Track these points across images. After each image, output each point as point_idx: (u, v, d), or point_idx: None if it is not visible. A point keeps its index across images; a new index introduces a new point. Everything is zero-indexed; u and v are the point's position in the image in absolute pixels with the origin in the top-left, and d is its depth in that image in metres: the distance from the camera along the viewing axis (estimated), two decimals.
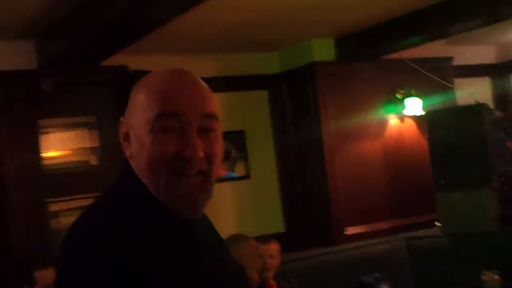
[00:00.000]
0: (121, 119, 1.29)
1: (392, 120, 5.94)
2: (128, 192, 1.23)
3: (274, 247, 3.92)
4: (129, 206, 1.20)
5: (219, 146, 1.25)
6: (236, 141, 5.77)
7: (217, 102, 1.29)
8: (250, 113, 5.91)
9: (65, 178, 4.76)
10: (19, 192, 4.53)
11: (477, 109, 5.31)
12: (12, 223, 4.50)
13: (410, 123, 6.01)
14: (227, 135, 5.72)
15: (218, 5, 4.08)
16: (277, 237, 4.18)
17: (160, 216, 1.20)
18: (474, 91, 5.95)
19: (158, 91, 1.22)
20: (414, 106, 5.81)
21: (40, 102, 4.62)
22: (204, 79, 5.08)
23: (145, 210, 1.19)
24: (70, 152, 5.08)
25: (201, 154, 1.20)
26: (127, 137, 1.27)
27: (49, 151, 4.91)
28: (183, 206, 1.21)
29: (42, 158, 4.67)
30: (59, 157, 5.12)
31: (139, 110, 1.23)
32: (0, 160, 4.55)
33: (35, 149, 4.62)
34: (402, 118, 5.96)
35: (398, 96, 5.86)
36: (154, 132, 1.19)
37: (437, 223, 5.44)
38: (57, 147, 4.94)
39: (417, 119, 5.93)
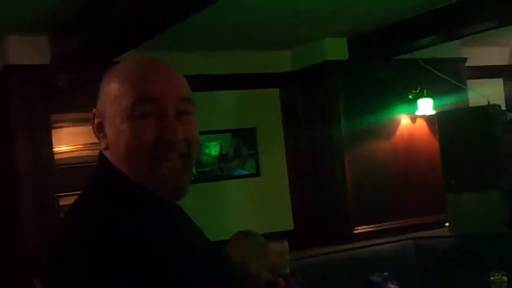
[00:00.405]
0: (94, 110, 1.27)
1: (404, 120, 5.93)
2: (109, 184, 1.22)
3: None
4: (113, 199, 1.19)
5: (196, 129, 1.25)
6: (247, 138, 5.79)
7: (189, 86, 1.28)
8: (262, 111, 5.92)
9: (77, 173, 4.79)
10: (31, 185, 4.56)
11: (488, 110, 5.29)
12: (24, 217, 4.54)
13: (421, 123, 5.99)
14: (239, 132, 5.74)
15: (232, 3, 4.09)
16: (286, 234, 4.19)
17: (146, 203, 1.19)
18: (487, 92, 5.93)
19: (132, 78, 1.22)
20: (426, 106, 5.80)
21: (53, 97, 4.65)
22: (217, 76, 5.09)
23: (130, 200, 1.19)
24: (81, 147, 5.11)
25: (181, 137, 1.20)
26: (101, 128, 1.25)
27: (61, 146, 4.94)
28: (167, 189, 1.21)
29: (54, 153, 4.70)
30: (71, 151, 5.16)
31: (114, 98, 1.21)
32: (13, 154, 4.59)
33: (47, 143, 4.64)
34: (414, 118, 5.95)
35: (410, 96, 5.85)
36: (131, 118, 1.19)
37: (446, 224, 5.43)
38: (69, 142, 4.98)
39: (428, 119, 5.91)
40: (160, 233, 1.16)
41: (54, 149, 4.70)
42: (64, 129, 5.04)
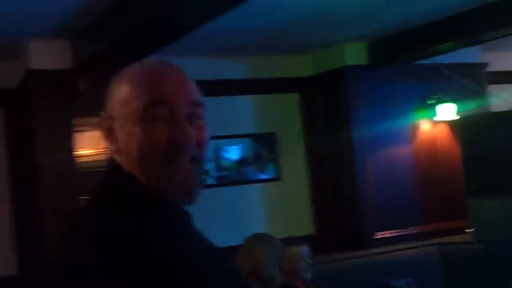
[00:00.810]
0: (103, 114, 1.25)
1: (425, 125, 5.90)
2: (119, 188, 1.21)
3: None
4: (124, 203, 1.18)
5: (207, 133, 1.24)
6: (267, 143, 5.79)
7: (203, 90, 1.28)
8: (282, 115, 5.93)
9: (98, 176, 4.81)
10: (53, 189, 4.60)
11: (510, 115, 5.25)
12: (46, 220, 4.57)
13: (442, 128, 5.96)
14: (259, 137, 5.75)
15: (251, 8, 4.10)
16: (306, 239, 4.18)
17: (157, 208, 1.19)
18: (508, 97, 5.88)
19: (144, 81, 1.21)
20: (447, 111, 5.76)
21: (75, 101, 4.70)
22: (237, 81, 5.09)
23: (140, 204, 1.18)
24: (102, 150, 5.14)
25: (193, 140, 1.19)
26: (110, 131, 1.24)
27: (83, 149, 4.98)
28: (179, 193, 1.20)
29: (75, 156, 4.74)
30: (92, 155, 5.19)
31: (125, 101, 1.20)
32: (35, 157, 4.63)
33: (69, 147, 4.69)
34: (435, 123, 5.92)
35: (431, 101, 5.82)
36: (144, 121, 1.17)
37: (468, 230, 5.38)
38: (90, 146, 5.02)
39: (450, 124, 5.88)
40: (170, 239, 1.16)
41: (75, 153, 4.74)
42: (85, 133, 5.08)
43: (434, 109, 5.80)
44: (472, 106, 5.95)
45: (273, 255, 3.16)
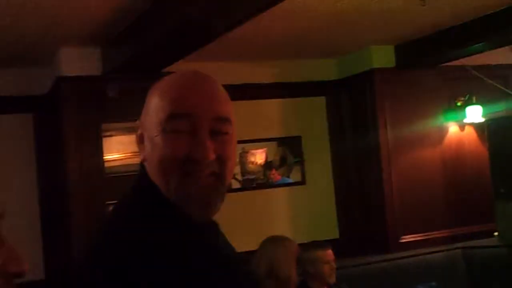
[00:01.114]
0: (137, 122, 1.29)
1: (452, 128, 5.86)
2: (143, 197, 1.23)
3: None
4: (144, 212, 1.20)
5: (232, 149, 1.23)
6: (293, 147, 5.81)
7: (231, 105, 1.26)
8: (308, 119, 5.93)
9: (126, 181, 4.87)
10: (82, 193, 4.67)
11: None
12: (75, 224, 4.63)
13: (470, 131, 5.91)
14: (284, 140, 5.77)
15: (278, 12, 4.12)
16: (331, 243, 4.18)
17: (174, 221, 1.20)
18: None
19: (170, 93, 1.22)
20: (475, 114, 5.71)
21: (104, 106, 4.77)
22: (263, 85, 5.12)
23: (159, 216, 1.20)
24: (131, 155, 5.21)
25: (213, 155, 1.18)
26: (142, 139, 1.27)
27: (111, 154, 5.04)
28: (194, 207, 1.19)
29: (104, 161, 4.81)
30: (121, 159, 5.26)
31: (152, 111, 1.23)
32: (65, 162, 4.71)
33: (98, 152, 4.75)
34: (462, 126, 5.87)
35: (459, 103, 5.78)
36: (165, 133, 1.19)
37: (495, 233, 5.33)
38: (119, 150, 5.08)
39: (477, 127, 5.83)
40: (183, 251, 1.17)
41: (104, 157, 4.81)
42: (114, 138, 5.15)
43: (462, 111, 5.76)
44: (500, 108, 5.89)
45: (289, 256, 3.20)
